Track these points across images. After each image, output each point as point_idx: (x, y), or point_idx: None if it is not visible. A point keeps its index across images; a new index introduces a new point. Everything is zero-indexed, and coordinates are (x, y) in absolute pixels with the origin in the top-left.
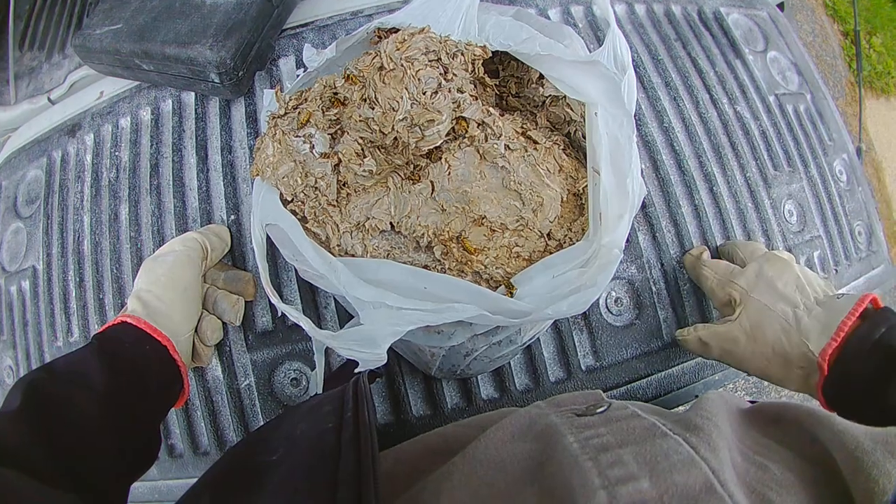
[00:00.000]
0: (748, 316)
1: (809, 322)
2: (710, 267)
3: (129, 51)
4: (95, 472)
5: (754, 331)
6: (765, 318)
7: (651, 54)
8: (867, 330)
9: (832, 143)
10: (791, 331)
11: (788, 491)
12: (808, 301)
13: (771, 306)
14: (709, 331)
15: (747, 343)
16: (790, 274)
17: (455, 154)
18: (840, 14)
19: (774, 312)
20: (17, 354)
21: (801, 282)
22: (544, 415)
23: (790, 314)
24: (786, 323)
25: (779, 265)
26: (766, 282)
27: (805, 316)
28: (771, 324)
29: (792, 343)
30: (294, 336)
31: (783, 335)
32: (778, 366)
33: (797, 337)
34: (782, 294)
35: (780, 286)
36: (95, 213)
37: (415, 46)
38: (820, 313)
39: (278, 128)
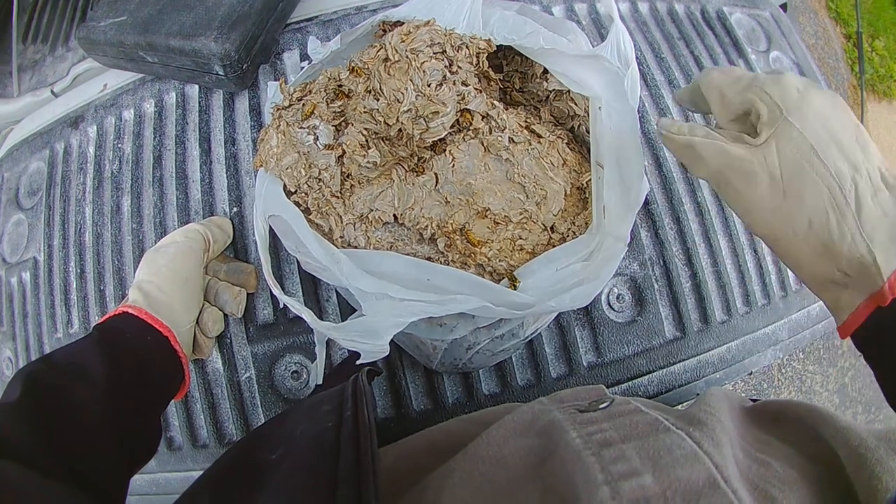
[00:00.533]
0: (780, 149)
1: (874, 209)
2: (721, 71)
3: (133, 43)
4: (95, 465)
5: (788, 180)
6: (808, 166)
7: (654, 52)
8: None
9: None
10: (846, 210)
11: (791, 488)
12: (874, 171)
13: (821, 152)
14: (712, 142)
15: (771, 190)
16: (848, 116)
17: (459, 146)
18: (843, 17)
19: (825, 165)
20: (16, 346)
21: (864, 136)
22: (547, 411)
23: (847, 180)
24: (839, 193)
25: (833, 99)
26: (815, 110)
27: (868, 195)
28: (815, 182)
29: (843, 230)
30: (295, 329)
31: (830, 208)
32: (809, 250)
33: (854, 225)
34: (838, 141)
35: (834, 126)
36: (97, 205)
37: (420, 39)
38: (888, 201)
39: (282, 119)
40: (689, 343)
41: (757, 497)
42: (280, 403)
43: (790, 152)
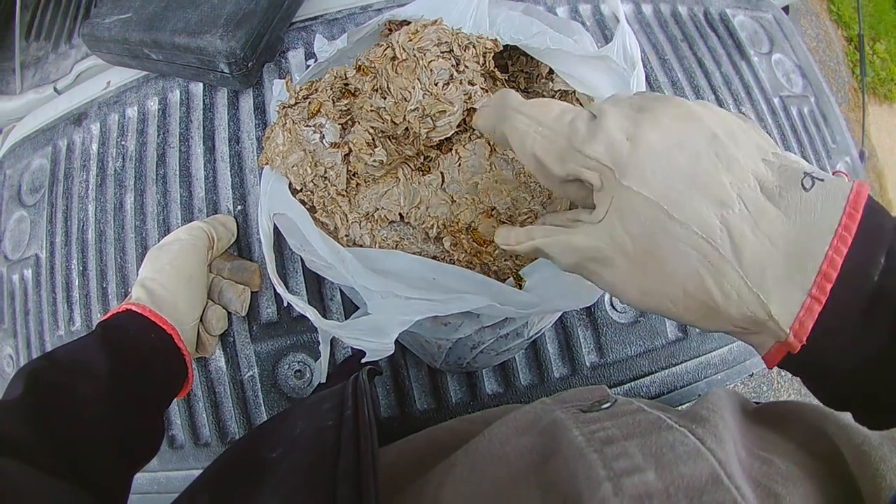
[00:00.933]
0: (625, 224)
1: (759, 244)
2: (531, 114)
3: (137, 40)
4: (98, 463)
5: (644, 256)
6: (661, 233)
7: (658, 54)
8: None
9: (835, 145)
10: (722, 265)
11: (794, 484)
12: (748, 189)
13: (674, 209)
14: (554, 239)
15: (631, 271)
16: (702, 130)
17: (466, 146)
18: (844, 19)
19: (679, 224)
20: (17, 343)
21: (728, 146)
22: (549, 410)
23: (714, 224)
24: (707, 245)
25: (676, 114)
26: (653, 152)
27: (748, 229)
28: (676, 248)
29: (725, 290)
30: (299, 327)
31: (704, 271)
32: (697, 316)
33: (737, 280)
34: (693, 178)
35: (683, 161)
36: (100, 202)
37: (427, 38)
38: (775, 223)
39: (288, 117)
40: (691, 344)
41: (760, 494)
42: (283, 402)
43: (636, 225)
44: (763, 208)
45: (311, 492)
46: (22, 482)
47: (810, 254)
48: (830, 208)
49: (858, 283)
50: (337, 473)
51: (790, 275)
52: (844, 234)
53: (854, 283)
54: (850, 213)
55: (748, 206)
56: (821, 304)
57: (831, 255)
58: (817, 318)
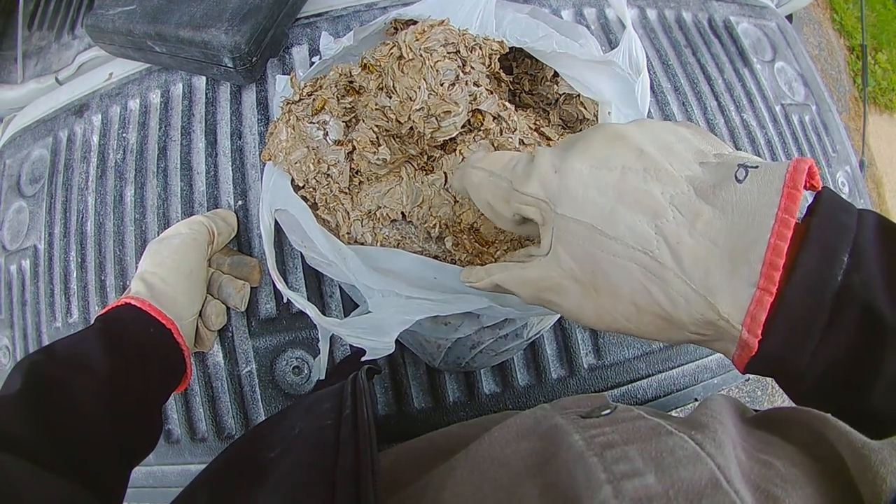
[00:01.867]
0: (567, 250)
1: (698, 246)
2: (484, 166)
3: (141, 32)
4: (95, 457)
5: (591, 277)
6: (601, 253)
7: (661, 59)
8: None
9: (836, 154)
10: (664, 273)
11: (794, 486)
12: (681, 194)
13: (607, 228)
14: (510, 274)
15: (583, 295)
16: (627, 147)
17: (470, 146)
18: (847, 29)
19: (614, 241)
20: (14, 334)
21: (656, 158)
22: (550, 416)
23: (649, 235)
24: (645, 257)
25: (602, 137)
26: (581, 178)
27: (685, 233)
28: (617, 265)
29: (672, 297)
30: (297, 324)
31: (648, 282)
32: (653, 329)
33: (681, 285)
34: (621, 194)
35: (611, 179)
36: (100, 194)
37: (434, 38)
38: (713, 222)
39: (292, 113)
40: (688, 348)
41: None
42: (281, 398)
43: (577, 248)
44: (698, 210)
45: (310, 491)
46: (18, 478)
47: (752, 244)
48: (767, 193)
49: (819, 283)
50: (336, 473)
51: (735, 270)
52: (785, 216)
53: (814, 282)
54: (790, 193)
55: (682, 211)
56: (771, 295)
57: (774, 241)
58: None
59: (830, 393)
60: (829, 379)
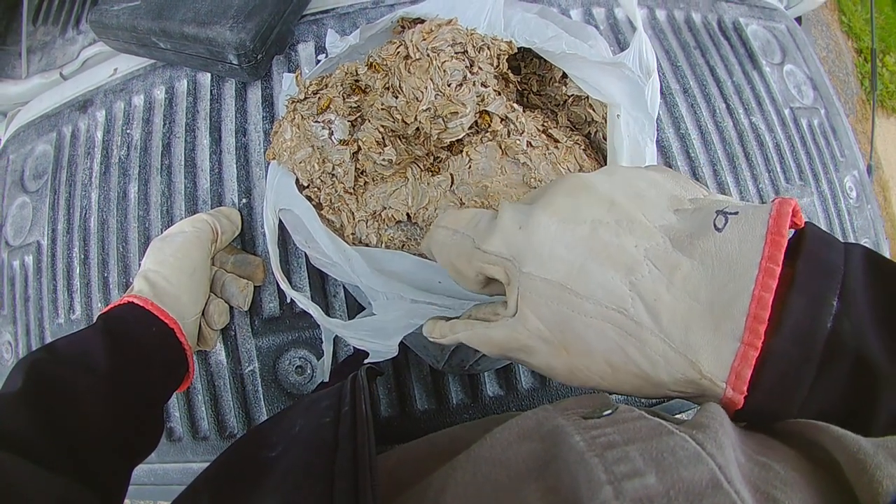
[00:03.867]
0: (534, 311)
1: (675, 302)
2: (447, 224)
3: (146, 28)
4: (96, 456)
5: (561, 337)
6: (572, 313)
7: (670, 60)
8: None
9: (844, 158)
10: (641, 331)
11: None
12: (657, 247)
13: (576, 287)
14: (474, 333)
15: (553, 355)
16: (596, 199)
17: (477, 147)
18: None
19: (585, 300)
20: (16, 330)
21: (627, 209)
22: (551, 417)
23: (624, 293)
24: (620, 316)
25: (568, 189)
26: (547, 233)
27: (662, 289)
28: (588, 324)
29: (650, 357)
30: (301, 323)
31: (623, 342)
32: (630, 388)
33: (660, 344)
34: (592, 250)
35: (580, 234)
36: (104, 191)
37: (441, 37)
38: (692, 275)
39: (297, 112)
40: None
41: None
42: (283, 398)
43: (545, 308)
44: (675, 263)
45: (309, 489)
46: (19, 477)
47: (735, 297)
48: (749, 242)
49: (808, 332)
50: (334, 470)
51: (718, 326)
52: (770, 265)
53: (803, 331)
54: (774, 241)
55: (657, 265)
56: (757, 350)
57: (759, 293)
58: (765, 372)
59: None
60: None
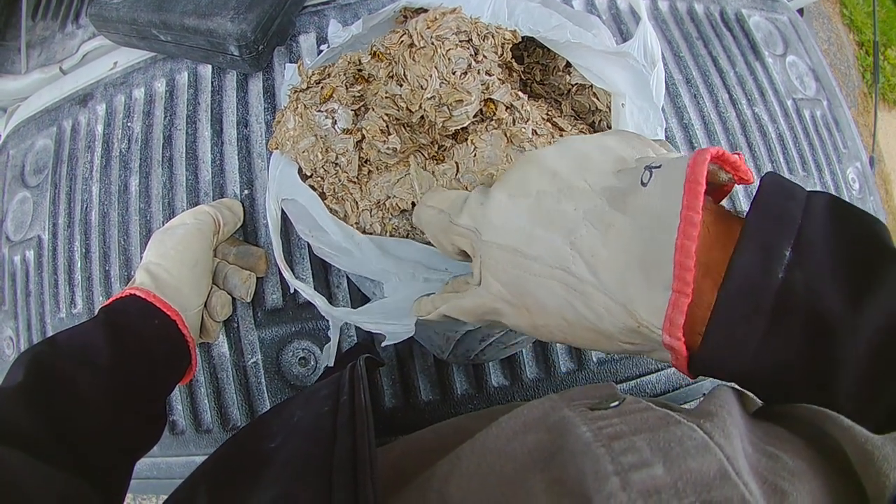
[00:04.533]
0: (494, 276)
1: (611, 257)
2: (432, 203)
3: (146, 21)
4: (98, 449)
5: (520, 298)
6: (524, 273)
7: (673, 50)
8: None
9: (846, 150)
10: (584, 287)
11: (801, 479)
12: (592, 208)
13: (525, 250)
14: (451, 305)
15: (518, 315)
16: (540, 171)
17: (482, 136)
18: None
19: (534, 261)
20: (18, 325)
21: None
22: (558, 408)
23: (565, 253)
24: (563, 273)
25: (519, 167)
26: (499, 206)
27: (598, 245)
28: (540, 283)
29: (595, 310)
30: (304, 314)
31: (571, 297)
32: (588, 342)
33: (601, 297)
34: (536, 217)
35: (526, 204)
36: (105, 184)
37: (446, 26)
38: (624, 230)
39: (300, 101)
40: None
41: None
42: (286, 389)
43: (502, 273)
44: (610, 221)
45: (309, 479)
46: (21, 472)
47: (663, 248)
48: (670, 193)
49: (756, 283)
50: (333, 461)
51: (649, 276)
52: (689, 213)
53: (750, 282)
54: (691, 189)
55: (595, 224)
56: (688, 297)
57: (681, 242)
58: (713, 322)
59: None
60: (786, 380)
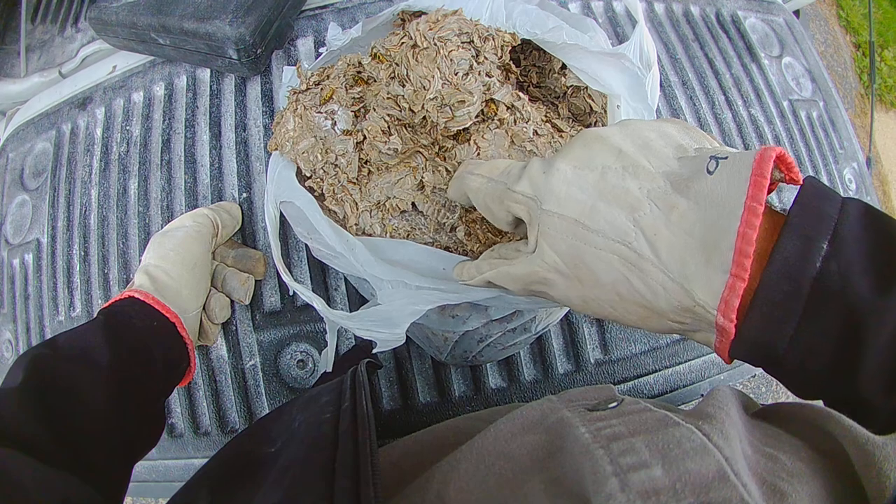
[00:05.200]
0: (551, 245)
1: (673, 237)
2: (481, 172)
3: (145, 24)
4: (97, 451)
5: (574, 269)
6: (584, 245)
7: (669, 53)
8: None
9: (843, 151)
10: (643, 263)
11: (800, 481)
12: (657, 188)
13: (587, 223)
14: (499, 271)
15: (569, 286)
16: (607, 148)
17: (485, 136)
18: (853, 26)
19: (595, 234)
20: (17, 328)
21: (633, 157)
22: (556, 409)
23: (628, 228)
24: (625, 248)
25: (583, 141)
26: (564, 177)
27: (661, 225)
28: (598, 256)
29: (652, 286)
30: (302, 317)
31: (628, 272)
32: (636, 317)
33: (659, 275)
34: (601, 191)
35: (592, 178)
36: (103, 187)
37: (448, 27)
38: (687, 213)
39: (300, 103)
40: (695, 344)
41: (765, 491)
42: (285, 392)
43: (560, 242)
44: (673, 203)
45: (310, 485)
46: (20, 473)
47: (724, 234)
48: (735, 183)
49: (796, 269)
50: (335, 466)
51: (709, 259)
52: (753, 204)
53: (791, 268)
54: (756, 181)
55: (658, 204)
56: (744, 282)
57: (743, 230)
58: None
59: (819, 381)
60: (813, 366)
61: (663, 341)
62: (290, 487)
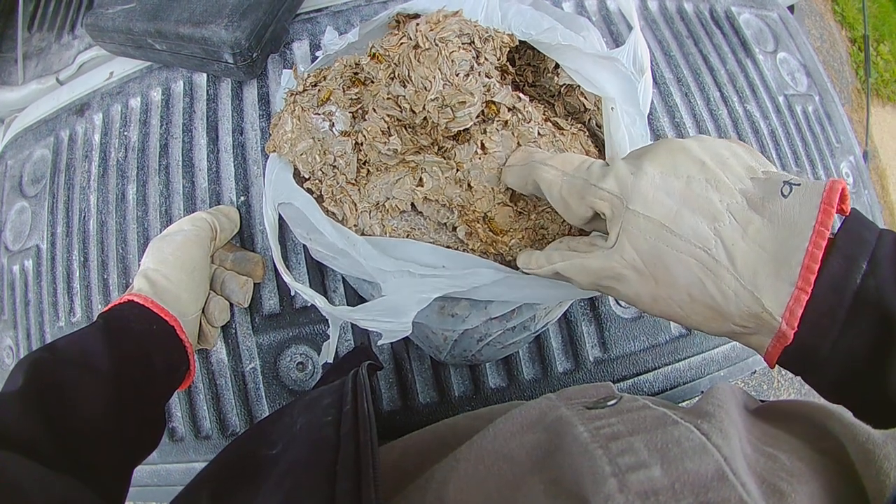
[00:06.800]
0: (633, 243)
1: (750, 250)
2: (556, 164)
3: (141, 30)
4: (98, 455)
5: (652, 268)
6: (665, 247)
7: (663, 50)
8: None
9: (839, 145)
10: (719, 270)
11: (799, 480)
12: (737, 203)
13: (671, 226)
14: (571, 263)
15: (642, 283)
16: (691, 159)
17: (492, 137)
18: (848, 20)
19: (681, 237)
20: (17, 334)
21: (714, 171)
22: (555, 407)
23: (709, 236)
24: (704, 254)
25: (668, 149)
26: (653, 181)
27: (738, 237)
28: (678, 259)
29: (724, 291)
30: (301, 319)
31: (704, 276)
32: (702, 318)
33: (733, 281)
34: (686, 199)
35: (678, 185)
36: (102, 193)
37: (449, 28)
38: (762, 230)
39: (297, 104)
40: (695, 340)
41: (765, 490)
42: (284, 395)
43: (643, 242)
44: (749, 218)
45: (311, 487)
46: (21, 476)
47: (794, 251)
48: (807, 208)
49: (842, 284)
50: (336, 469)
51: (778, 272)
52: (821, 228)
53: (838, 283)
54: (826, 209)
55: (736, 218)
56: (807, 294)
57: (811, 249)
58: (808, 312)
59: (853, 382)
60: (849, 369)
61: (662, 339)
62: (291, 490)
